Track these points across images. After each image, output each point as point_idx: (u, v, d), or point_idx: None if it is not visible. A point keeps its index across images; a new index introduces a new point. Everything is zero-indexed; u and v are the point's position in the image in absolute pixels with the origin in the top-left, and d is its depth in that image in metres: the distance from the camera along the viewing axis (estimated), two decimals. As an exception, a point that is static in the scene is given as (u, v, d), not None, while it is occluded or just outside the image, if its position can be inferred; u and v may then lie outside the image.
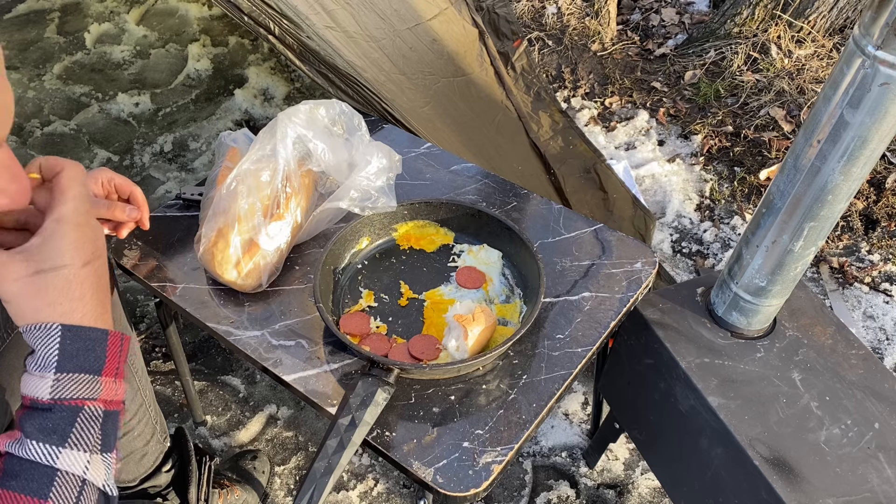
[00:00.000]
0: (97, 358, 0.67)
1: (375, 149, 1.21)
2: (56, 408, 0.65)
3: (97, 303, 0.69)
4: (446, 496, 0.94)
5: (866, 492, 1.00)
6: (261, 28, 1.48)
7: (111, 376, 0.68)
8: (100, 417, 0.67)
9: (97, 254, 0.70)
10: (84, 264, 0.68)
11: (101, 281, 0.71)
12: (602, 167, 2.01)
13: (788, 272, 1.08)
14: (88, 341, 0.67)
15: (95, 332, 0.68)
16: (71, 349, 0.66)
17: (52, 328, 0.66)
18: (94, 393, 0.66)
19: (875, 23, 0.82)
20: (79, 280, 0.68)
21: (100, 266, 0.71)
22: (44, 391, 0.65)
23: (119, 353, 0.69)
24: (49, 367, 0.66)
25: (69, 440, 0.64)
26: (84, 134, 2.56)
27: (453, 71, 1.85)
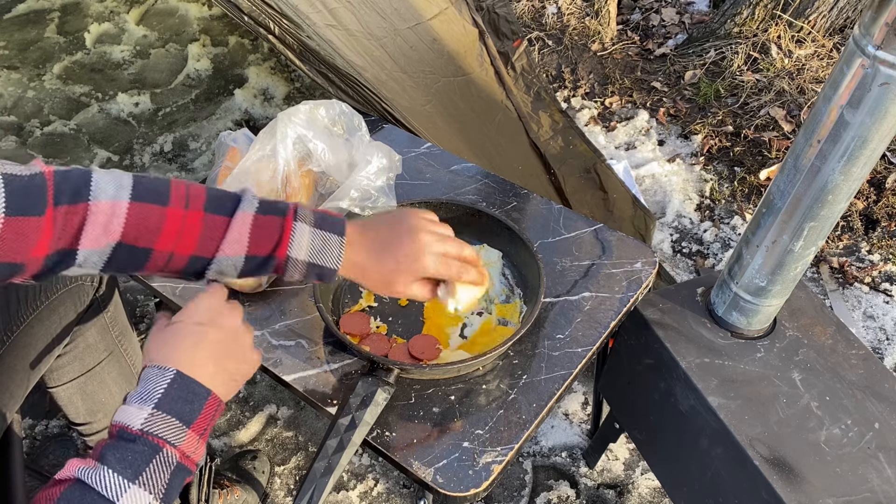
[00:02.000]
0: (192, 410, 0.71)
1: (375, 149, 1.21)
2: (140, 441, 0.68)
3: (216, 368, 0.77)
4: (446, 496, 0.94)
5: (866, 492, 1.00)
6: (261, 28, 1.48)
7: (197, 434, 0.71)
8: (172, 466, 0.68)
9: (225, 327, 0.80)
10: (198, 324, 0.78)
11: (225, 352, 0.79)
12: (602, 167, 2.01)
13: (788, 272, 1.08)
14: (191, 393, 0.72)
15: (200, 388, 0.73)
16: (174, 393, 0.71)
17: (169, 370, 0.73)
18: (178, 440, 0.69)
19: (875, 23, 0.82)
20: (206, 340, 0.77)
21: (225, 339, 0.80)
22: (137, 421, 0.69)
23: (211, 417, 0.74)
24: (150, 401, 0.70)
25: (140, 478, 0.66)
26: (84, 134, 2.56)
27: (454, 70, 1.85)
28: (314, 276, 0.85)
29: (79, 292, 1.14)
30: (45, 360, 1.12)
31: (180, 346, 0.75)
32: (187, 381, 0.72)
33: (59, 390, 1.23)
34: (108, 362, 1.25)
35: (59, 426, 1.69)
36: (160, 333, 0.78)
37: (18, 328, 1.06)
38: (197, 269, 0.82)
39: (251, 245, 0.81)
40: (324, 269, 0.84)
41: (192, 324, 0.77)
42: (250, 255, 0.81)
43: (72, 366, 1.21)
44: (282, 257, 0.82)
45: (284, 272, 0.84)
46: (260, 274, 0.85)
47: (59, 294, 1.10)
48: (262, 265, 0.83)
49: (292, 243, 0.82)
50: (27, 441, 1.66)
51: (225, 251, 0.81)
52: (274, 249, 0.82)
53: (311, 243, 0.83)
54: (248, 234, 0.81)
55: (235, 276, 0.84)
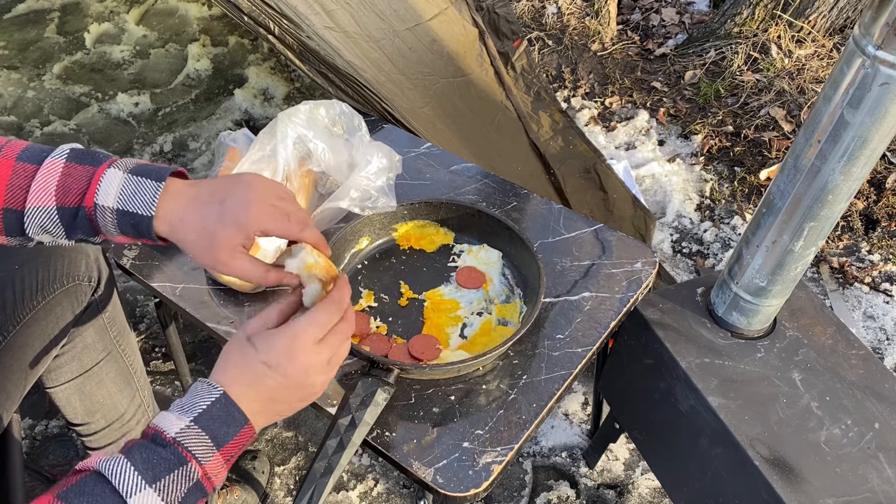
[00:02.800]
0: (227, 434, 0.70)
1: (375, 149, 1.21)
2: (170, 448, 0.67)
3: (262, 407, 0.73)
4: (446, 496, 0.94)
5: (866, 492, 1.00)
6: (261, 28, 1.48)
7: (224, 458, 0.70)
8: (192, 482, 0.67)
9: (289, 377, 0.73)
10: (266, 366, 0.72)
11: (278, 398, 0.74)
12: (602, 167, 2.01)
13: (788, 272, 1.08)
14: (231, 417, 0.70)
15: (241, 416, 0.71)
16: (215, 413, 0.70)
17: (217, 390, 0.71)
18: (206, 459, 0.68)
19: (875, 23, 0.82)
20: (264, 384, 0.72)
21: (285, 387, 0.73)
22: (172, 430, 0.68)
23: (242, 445, 0.72)
24: (190, 414, 0.69)
25: (158, 483, 0.65)
26: (84, 134, 2.56)
27: (453, 71, 1.85)
28: (130, 228, 0.77)
29: (76, 292, 1.13)
30: (43, 361, 1.12)
31: (239, 376, 0.72)
32: (231, 405, 0.70)
33: (57, 390, 1.23)
34: (107, 362, 1.25)
35: (58, 426, 1.69)
36: (232, 352, 0.74)
37: (15, 328, 1.06)
38: (15, 225, 0.78)
39: (59, 194, 0.76)
40: (136, 216, 0.76)
41: (260, 362, 0.72)
42: (61, 205, 0.76)
43: (70, 366, 1.21)
44: (89, 206, 0.76)
45: (98, 226, 0.78)
46: (85, 233, 0.79)
47: (56, 294, 1.10)
48: (74, 218, 0.77)
49: (100, 189, 0.76)
50: (27, 441, 1.65)
51: (33, 201, 0.76)
52: (82, 198, 0.76)
53: (121, 189, 0.76)
54: (56, 182, 0.76)
55: (64, 236, 0.79)
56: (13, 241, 0.81)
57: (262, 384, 0.72)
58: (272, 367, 0.72)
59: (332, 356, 0.75)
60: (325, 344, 0.74)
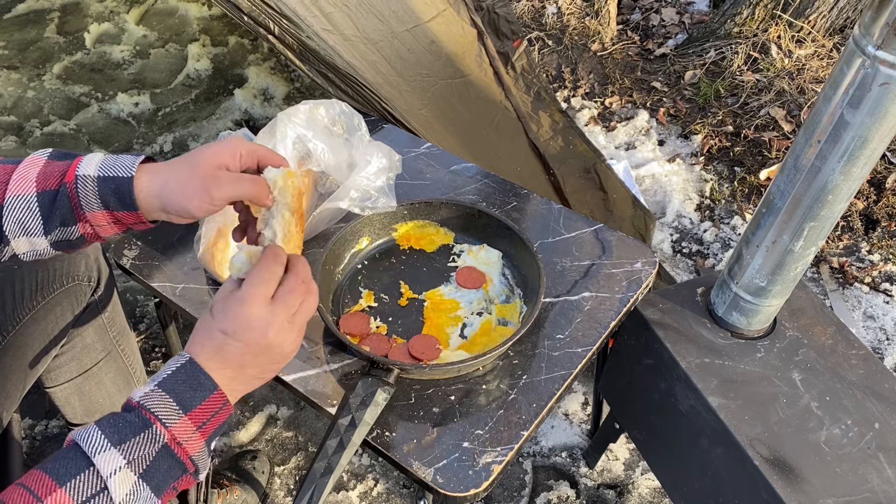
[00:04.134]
0: (193, 398, 0.69)
1: (375, 149, 1.21)
2: (134, 412, 0.68)
3: (234, 373, 0.72)
4: (446, 496, 0.94)
5: (866, 492, 1.00)
6: (260, 28, 1.48)
7: (194, 423, 0.69)
8: (158, 444, 0.67)
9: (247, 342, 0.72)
10: (223, 333, 0.72)
11: (245, 362, 0.73)
12: (602, 167, 2.01)
13: (788, 272, 1.08)
14: (197, 382, 0.70)
15: (208, 381, 0.70)
16: (180, 377, 0.70)
17: (184, 356, 0.71)
18: (171, 422, 0.68)
19: (875, 23, 0.82)
20: (224, 350, 0.72)
21: (247, 352, 0.72)
22: (138, 394, 0.69)
23: (214, 412, 0.71)
24: (156, 379, 0.70)
25: (123, 445, 0.66)
26: (84, 134, 2.56)
27: (452, 72, 1.85)
28: (111, 195, 0.79)
29: (76, 292, 1.13)
30: (43, 361, 1.12)
31: (202, 346, 0.72)
32: (197, 370, 0.70)
33: (57, 390, 1.23)
34: (106, 363, 1.25)
35: (58, 426, 1.69)
36: (199, 322, 0.75)
37: (15, 328, 1.06)
38: None
39: (39, 180, 0.79)
40: (117, 179, 0.79)
41: (218, 330, 0.72)
42: (41, 191, 0.79)
43: (69, 366, 1.21)
44: (70, 181, 0.79)
45: (80, 203, 0.80)
46: (63, 223, 0.80)
47: (55, 294, 1.10)
48: (54, 201, 0.79)
49: (81, 164, 0.81)
50: (27, 441, 1.65)
51: (13, 190, 0.79)
52: (62, 177, 0.80)
53: (101, 162, 0.81)
54: (37, 173, 0.80)
55: (41, 232, 0.81)
56: None
57: (225, 352, 0.72)
58: (229, 334, 0.71)
59: (294, 314, 0.74)
60: (279, 302, 0.73)
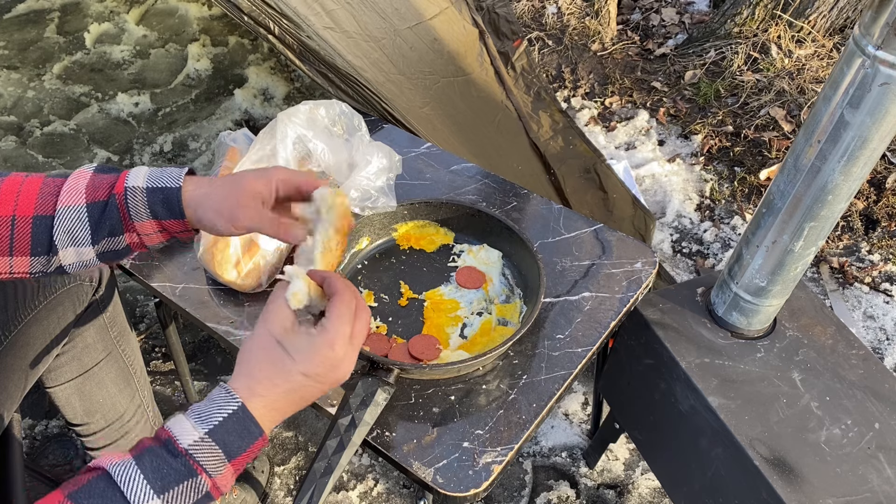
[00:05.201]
0: (239, 448, 0.69)
1: (375, 149, 1.21)
2: (181, 460, 0.66)
3: (281, 416, 0.73)
4: (446, 496, 0.94)
5: (866, 492, 1.00)
6: (261, 28, 1.48)
7: (234, 469, 0.70)
8: (201, 494, 0.67)
9: (325, 385, 0.74)
10: (305, 376, 0.72)
11: (304, 402, 0.74)
12: (602, 167, 2.01)
13: (788, 272, 1.08)
14: (246, 431, 0.70)
15: (256, 429, 0.70)
16: (231, 426, 0.69)
17: (236, 400, 0.70)
18: (216, 472, 0.68)
19: (875, 23, 0.82)
20: (298, 394, 0.72)
21: (317, 394, 0.74)
22: (186, 440, 0.67)
23: (253, 456, 0.71)
24: (207, 424, 0.68)
25: (167, 494, 0.65)
26: (84, 134, 2.56)
27: (453, 71, 1.85)
28: (160, 205, 0.82)
29: (77, 292, 1.13)
30: (44, 361, 1.12)
31: (274, 386, 0.71)
32: (248, 417, 0.69)
33: (57, 390, 1.23)
34: (107, 363, 1.25)
35: (58, 426, 1.69)
36: (262, 357, 0.72)
37: (16, 328, 1.06)
38: (44, 234, 0.81)
39: (89, 192, 0.82)
40: (166, 189, 0.82)
41: (299, 372, 0.71)
42: (91, 202, 0.81)
43: (70, 366, 1.21)
44: (120, 192, 0.82)
45: (129, 213, 0.82)
46: (110, 231, 0.82)
47: (57, 294, 1.10)
48: (104, 212, 0.81)
49: (129, 176, 0.83)
50: (27, 441, 1.66)
51: (64, 201, 0.81)
52: (112, 188, 0.82)
53: (149, 173, 0.84)
54: (86, 184, 0.82)
55: (89, 239, 0.82)
56: (36, 266, 0.83)
57: (301, 392, 0.72)
58: (312, 377, 0.72)
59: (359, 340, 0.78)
60: (355, 336, 0.76)
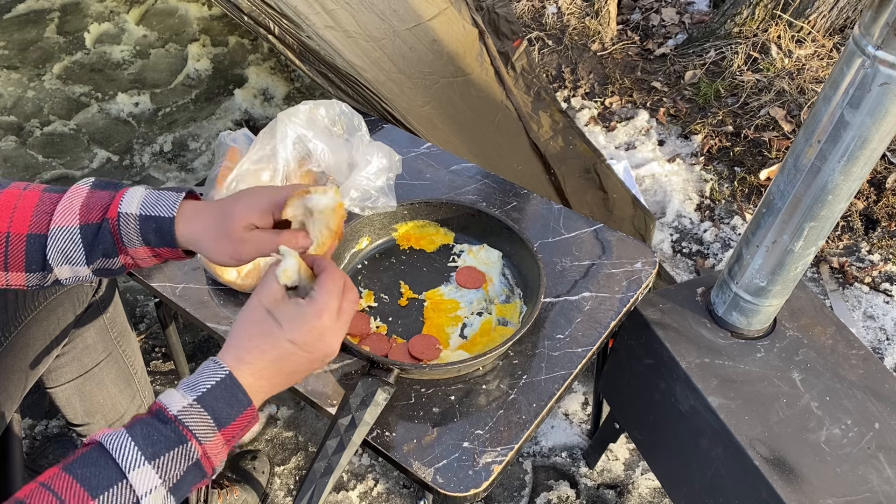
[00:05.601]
0: (229, 415, 0.70)
1: (375, 149, 1.21)
2: (171, 426, 0.67)
3: (271, 385, 0.74)
4: (446, 496, 0.94)
5: (866, 492, 1.00)
6: (261, 28, 1.48)
7: (225, 438, 0.70)
8: (191, 461, 0.68)
9: (314, 355, 0.75)
10: (292, 343, 0.73)
11: (293, 374, 0.75)
12: (602, 167, 2.01)
13: (788, 272, 1.08)
14: (234, 398, 0.70)
15: (244, 397, 0.71)
16: (219, 393, 0.70)
17: (222, 369, 0.71)
18: (206, 438, 0.68)
19: (875, 23, 0.82)
20: (287, 361, 0.73)
21: (305, 365, 0.75)
22: (176, 406, 0.68)
23: (243, 427, 0.72)
24: (196, 392, 0.69)
25: (157, 460, 0.65)
26: (84, 134, 2.56)
27: (453, 71, 1.85)
28: (152, 233, 0.82)
29: (77, 293, 1.13)
30: (44, 361, 1.12)
31: (262, 353, 0.72)
32: (235, 385, 0.70)
33: (58, 391, 1.23)
34: (107, 363, 1.25)
35: (58, 426, 1.69)
36: (253, 325, 0.73)
37: (17, 329, 1.06)
38: (38, 252, 0.81)
39: (83, 212, 0.81)
40: (159, 219, 0.81)
41: (287, 340, 0.72)
42: (84, 223, 0.81)
43: (70, 366, 1.21)
44: (113, 217, 0.81)
45: (122, 238, 0.82)
46: (105, 255, 0.82)
47: (57, 295, 1.10)
48: (97, 235, 0.81)
49: (123, 201, 0.82)
50: (27, 441, 1.66)
51: (57, 222, 0.81)
52: (105, 211, 0.81)
53: (143, 199, 0.82)
54: (80, 204, 0.81)
55: (83, 260, 0.82)
56: (32, 280, 0.84)
57: (288, 360, 0.73)
58: (299, 344, 0.73)
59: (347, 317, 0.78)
60: (342, 312, 0.77)
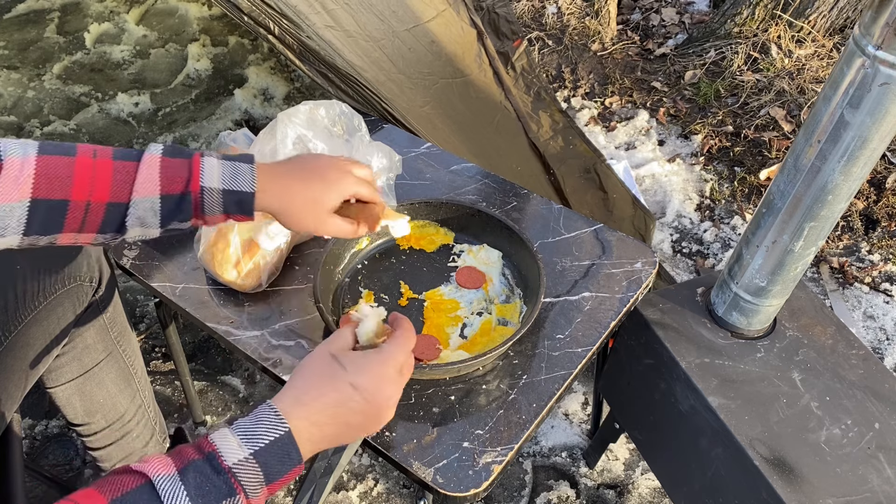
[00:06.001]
0: (279, 472, 0.69)
1: (376, 149, 1.21)
2: (223, 478, 0.65)
3: (322, 436, 0.72)
4: (446, 496, 0.94)
5: (866, 492, 1.00)
6: (261, 28, 1.48)
7: (269, 492, 0.69)
8: None
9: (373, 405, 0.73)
10: (353, 388, 0.72)
11: (350, 425, 0.73)
12: (602, 167, 2.01)
13: (788, 272, 1.08)
14: (287, 456, 0.69)
15: (297, 455, 0.70)
16: (275, 449, 0.68)
17: (283, 426, 0.69)
18: (254, 494, 0.67)
19: (875, 23, 0.82)
20: (345, 407, 0.72)
21: (364, 416, 0.73)
22: (231, 458, 0.66)
23: (286, 483, 0.71)
24: (253, 445, 0.67)
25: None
26: (84, 134, 2.56)
27: (452, 72, 1.85)
28: (234, 206, 0.85)
29: (77, 293, 1.13)
30: (44, 361, 1.12)
31: (320, 393, 0.71)
32: (292, 444, 0.69)
33: (58, 390, 1.23)
34: (107, 363, 1.25)
35: (58, 426, 1.69)
36: (317, 366, 0.74)
37: (17, 328, 1.06)
38: (116, 219, 0.83)
39: (164, 183, 0.83)
40: (241, 193, 0.85)
41: (348, 382, 0.72)
42: (165, 194, 0.83)
43: (70, 366, 1.21)
44: (196, 190, 0.84)
45: (203, 209, 0.85)
46: (180, 219, 0.85)
47: (57, 294, 1.10)
48: (178, 205, 0.84)
49: (203, 174, 0.84)
50: (27, 441, 1.65)
51: (140, 192, 0.82)
52: (187, 184, 0.84)
53: (221, 172, 0.85)
54: (159, 173, 0.83)
55: (157, 225, 0.84)
56: (100, 239, 0.85)
57: (345, 406, 0.72)
58: (359, 390, 0.72)
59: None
60: (402, 375, 0.76)
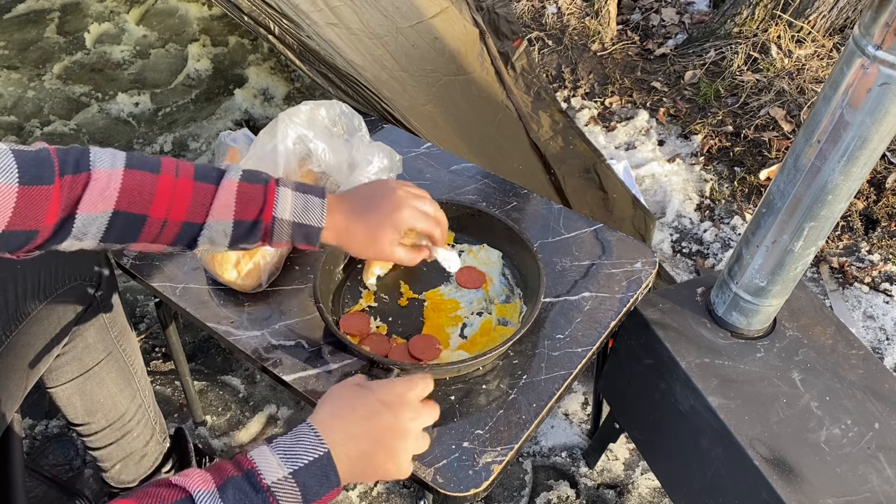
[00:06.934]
0: (316, 493, 0.70)
1: (376, 149, 1.21)
2: (262, 496, 0.66)
3: (358, 454, 0.74)
4: (446, 496, 0.94)
5: (866, 492, 1.00)
6: (261, 28, 1.48)
7: None
8: None
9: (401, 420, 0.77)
10: (381, 402, 0.77)
11: (383, 443, 0.76)
12: (602, 167, 2.01)
13: (788, 272, 1.08)
14: (326, 477, 0.71)
15: (335, 477, 0.72)
16: (314, 469, 0.70)
17: (322, 447, 0.72)
18: None
19: (875, 23, 0.82)
20: (374, 420, 0.76)
21: (393, 431, 0.77)
22: (271, 477, 0.68)
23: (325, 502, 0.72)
24: (293, 465, 0.69)
25: None
26: (84, 134, 2.56)
27: (454, 69, 1.85)
28: (300, 237, 0.89)
29: (78, 292, 1.13)
30: (44, 360, 1.12)
31: (352, 408, 0.75)
32: (331, 465, 0.71)
33: (58, 390, 1.23)
34: (107, 362, 1.25)
35: (59, 426, 1.69)
36: (345, 390, 0.79)
37: (17, 328, 1.06)
38: (189, 236, 0.86)
39: (238, 210, 0.86)
40: (309, 227, 0.89)
41: (376, 399, 0.77)
42: (238, 220, 0.86)
43: (70, 366, 1.21)
44: (268, 220, 0.87)
45: (271, 237, 0.89)
46: (248, 242, 0.88)
47: (58, 294, 1.10)
48: (249, 231, 0.87)
49: (276, 205, 0.88)
50: (27, 441, 1.66)
51: (215, 216, 0.85)
52: (260, 213, 0.87)
53: (294, 204, 0.88)
54: (235, 200, 0.86)
55: (226, 245, 0.87)
56: (169, 249, 0.88)
57: (376, 421, 0.75)
58: (387, 404, 0.77)
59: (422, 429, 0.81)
60: (421, 411, 0.80)
